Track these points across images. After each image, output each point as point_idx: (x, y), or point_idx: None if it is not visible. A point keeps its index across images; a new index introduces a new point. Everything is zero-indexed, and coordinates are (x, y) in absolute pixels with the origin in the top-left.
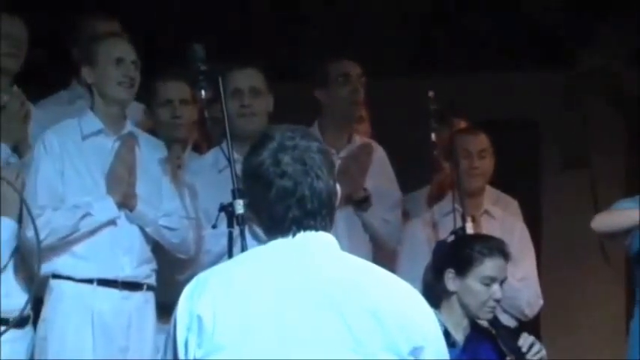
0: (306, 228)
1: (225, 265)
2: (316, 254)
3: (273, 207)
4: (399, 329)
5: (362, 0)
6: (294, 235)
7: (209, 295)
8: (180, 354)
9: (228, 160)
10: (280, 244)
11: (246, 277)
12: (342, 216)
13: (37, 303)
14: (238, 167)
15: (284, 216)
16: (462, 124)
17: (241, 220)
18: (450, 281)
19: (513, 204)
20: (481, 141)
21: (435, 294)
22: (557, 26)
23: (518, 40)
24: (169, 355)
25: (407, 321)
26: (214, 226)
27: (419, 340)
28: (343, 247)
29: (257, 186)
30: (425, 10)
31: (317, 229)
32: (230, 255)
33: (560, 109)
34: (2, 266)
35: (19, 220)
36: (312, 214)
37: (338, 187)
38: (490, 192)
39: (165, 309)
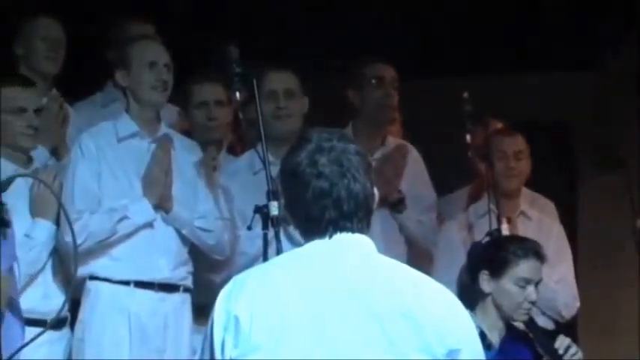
0: (342, 229)
1: (263, 267)
2: (352, 256)
3: (309, 208)
4: (434, 331)
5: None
6: (330, 236)
7: (246, 296)
8: (217, 354)
9: (263, 162)
10: (316, 245)
11: (283, 278)
12: (378, 217)
13: (74, 305)
14: (273, 169)
15: (320, 217)
16: (498, 126)
17: (276, 222)
18: (485, 283)
19: (550, 205)
20: (518, 142)
21: (470, 296)
22: (589, 27)
23: (550, 41)
24: (206, 355)
25: (442, 323)
26: (249, 228)
27: (454, 343)
28: (379, 249)
29: (294, 187)
30: (450, 10)
31: (353, 231)
32: (265, 257)
33: (594, 111)
34: (40, 268)
35: (57, 222)
36: (348, 216)
37: (375, 189)
38: (526, 193)
39: (202, 310)
